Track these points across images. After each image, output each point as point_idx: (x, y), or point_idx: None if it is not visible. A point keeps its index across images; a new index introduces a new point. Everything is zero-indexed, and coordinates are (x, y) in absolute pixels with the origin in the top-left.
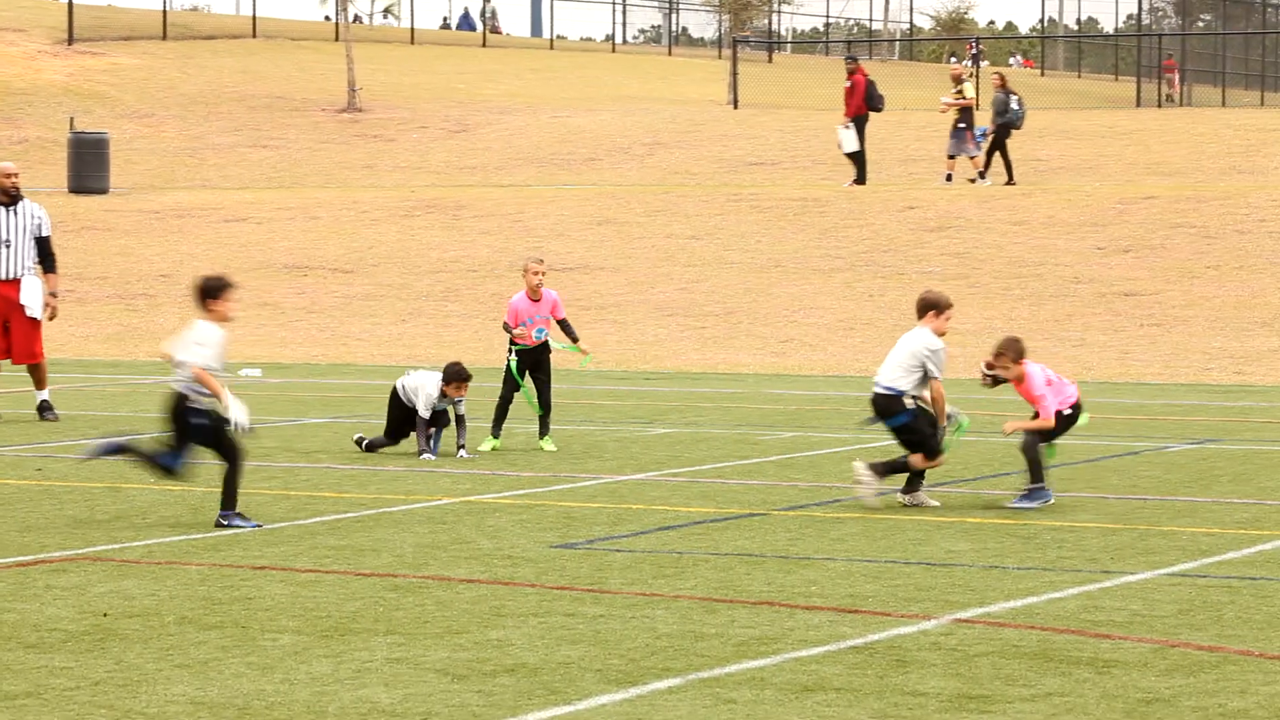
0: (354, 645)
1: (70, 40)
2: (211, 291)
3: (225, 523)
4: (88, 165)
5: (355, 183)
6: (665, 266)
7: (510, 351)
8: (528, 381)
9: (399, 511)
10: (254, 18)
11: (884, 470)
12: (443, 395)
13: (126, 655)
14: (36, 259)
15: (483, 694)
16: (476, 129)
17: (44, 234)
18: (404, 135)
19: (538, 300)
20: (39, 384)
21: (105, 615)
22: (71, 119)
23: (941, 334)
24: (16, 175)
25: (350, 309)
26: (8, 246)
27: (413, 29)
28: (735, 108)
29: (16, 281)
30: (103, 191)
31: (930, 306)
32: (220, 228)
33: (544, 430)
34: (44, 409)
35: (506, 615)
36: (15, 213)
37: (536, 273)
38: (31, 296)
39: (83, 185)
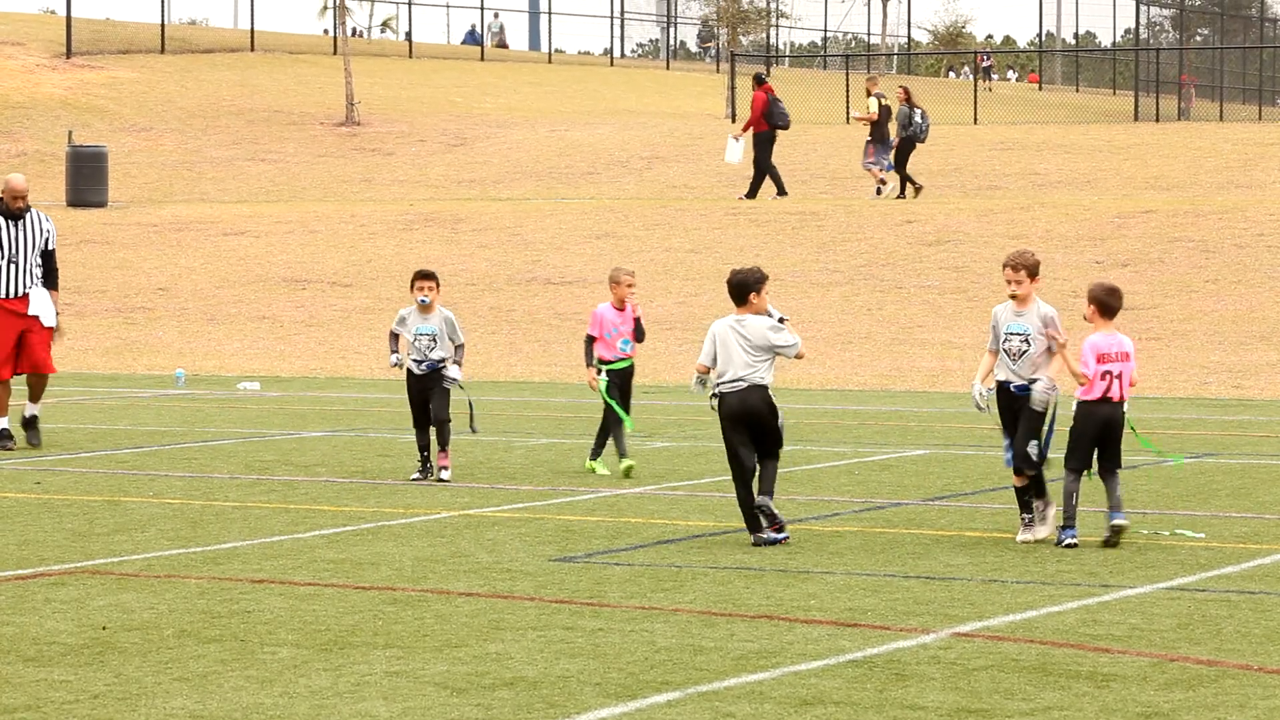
0: (353, 658)
1: (69, 54)
2: (755, 285)
3: (778, 537)
4: (86, 179)
5: (353, 196)
6: (664, 280)
7: (599, 372)
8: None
9: (398, 525)
10: (252, 31)
11: (1042, 506)
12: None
13: (126, 668)
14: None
15: (481, 707)
16: (475, 142)
17: (50, 248)
18: (402, 149)
19: (623, 310)
20: (35, 396)
21: (104, 628)
22: (70, 132)
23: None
24: (26, 194)
25: (349, 322)
26: (13, 263)
27: (410, 43)
28: (733, 121)
29: (24, 298)
30: (101, 205)
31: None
32: (218, 241)
33: (623, 448)
34: (31, 424)
35: (505, 629)
36: (21, 226)
37: (630, 285)
38: (43, 306)
39: (81, 199)
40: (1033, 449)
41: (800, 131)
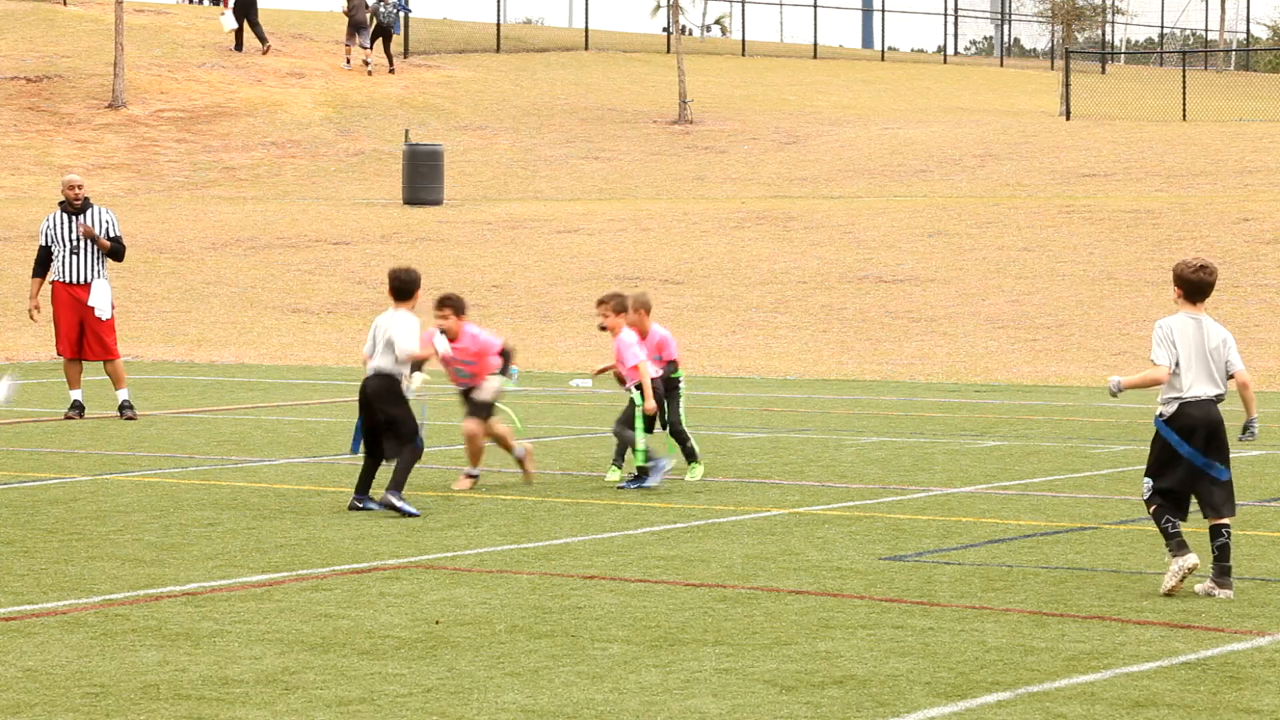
0: (683, 655)
1: (406, 54)
2: None
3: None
4: (422, 177)
5: (685, 194)
6: (996, 278)
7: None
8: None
9: (728, 522)
10: (586, 30)
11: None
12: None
13: (458, 662)
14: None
15: (811, 705)
16: (807, 140)
17: (114, 234)
18: (734, 147)
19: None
20: (117, 383)
21: (437, 623)
22: (406, 131)
23: None
24: (80, 187)
25: (680, 320)
26: (75, 254)
27: (744, 41)
28: (1067, 119)
29: (87, 286)
30: (436, 203)
31: None
32: (552, 239)
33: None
34: (124, 408)
35: (835, 627)
36: (81, 219)
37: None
38: (100, 299)
39: (417, 197)
40: None
41: (1135, 129)
